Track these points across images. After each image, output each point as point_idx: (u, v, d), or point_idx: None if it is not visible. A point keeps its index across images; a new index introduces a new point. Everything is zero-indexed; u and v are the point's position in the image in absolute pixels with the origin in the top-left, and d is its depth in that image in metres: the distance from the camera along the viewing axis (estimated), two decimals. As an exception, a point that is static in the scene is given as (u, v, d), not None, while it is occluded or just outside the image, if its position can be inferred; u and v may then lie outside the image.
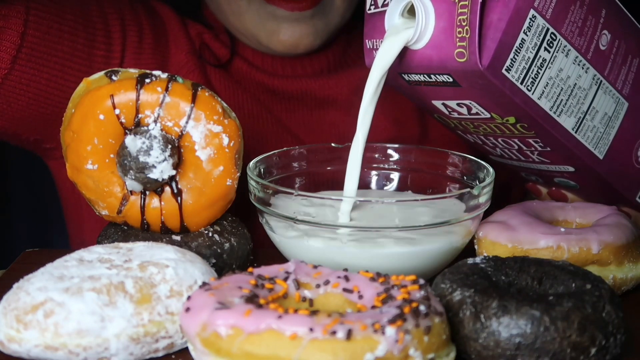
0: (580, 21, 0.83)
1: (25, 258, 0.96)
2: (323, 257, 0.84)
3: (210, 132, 0.84)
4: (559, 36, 0.82)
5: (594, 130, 0.88)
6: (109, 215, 0.87)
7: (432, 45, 0.82)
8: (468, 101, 0.85)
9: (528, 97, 0.83)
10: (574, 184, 0.96)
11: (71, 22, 1.02)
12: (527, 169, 0.97)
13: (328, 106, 1.15)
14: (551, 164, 0.93)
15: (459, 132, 0.95)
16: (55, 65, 1.00)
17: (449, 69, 0.82)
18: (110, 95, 0.83)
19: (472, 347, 0.70)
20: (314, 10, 1.08)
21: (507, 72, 0.81)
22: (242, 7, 1.09)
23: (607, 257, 0.84)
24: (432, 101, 0.89)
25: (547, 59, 0.82)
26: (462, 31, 0.80)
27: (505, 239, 0.85)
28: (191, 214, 0.86)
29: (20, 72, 0.98)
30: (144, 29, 1.09)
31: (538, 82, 0.82)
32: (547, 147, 0.89)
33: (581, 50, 0.84)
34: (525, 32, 0.80)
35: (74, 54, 1.02)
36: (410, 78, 0.87)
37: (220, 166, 0.85)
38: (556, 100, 0.84)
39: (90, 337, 0.71)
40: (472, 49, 0.79)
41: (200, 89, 0.84)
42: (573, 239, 0.84)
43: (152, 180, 0.83)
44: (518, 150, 0.92)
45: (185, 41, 1.12)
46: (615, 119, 0.89)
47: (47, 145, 1.09)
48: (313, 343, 0.64)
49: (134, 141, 0.82)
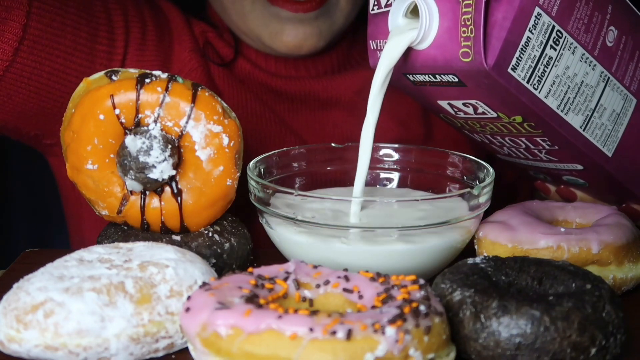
0: (586, 18, 0.83)
1: (25, 258, 0.96)
2: (323, 257, 0.84)
3: (210, 132, 0.84)
4: (565, 33, 0.82)
5: (602, 127, 0.88)
6: (108, 215, 0.87)
7: (437, 45, 0.82)
8: (474, 101, 0.85)
9: (535, 96, 0.82)
10: (582, 182, 0.95)
11: (74, 15, 1.01)
12: (535, 167, 0.97)
13: (331, 107, 1.15)
14: (559, 163, 0.92)
15: (465, 132, 0.94)
16: (57, 59, 1.00)
17: (454, 69, 0.82)
18: (110, 95, 0.83)
19: (472, 347, 0.70)
20: (319, 11, 1.08)
21: (513, 71, 0.80)
22: (246, 8, 1.08)
23: (607, 257, 0.84)
24: (438, 101, 0.88)
25: (553, 57, 0.82)
26: (467, 30, 0.79)
27: (505, 239, 0.85)
28: (191, 214, 0.86)
29: (21, 64, 0.98)
30: (148, 26, 1.09)
31: (544, 80, 0.82)
32: (555, 145, 0.89)
33: (588, 47, 0.84)
34: (530, 31, 0.80)
35: (76, 47, 1.01)
36: (415, 78, 0.86)
37: (220, 166, 0.85)
38: (563, 99, 0.84)
39: (90, 337, 0.71)
40: (477, 49, 0.79)
41: (200, 89, 0.84)
42: (573, 239, 0.84)
43: (152, 180, 0.83)
44: (526, 149, 0.92)
45: (189, 39, 1.12)
46: (623, 116, 0.89)
47: (47, 141, 1.09)
48: (313, 343, 0.64)
49: (134, 141, 0.82)
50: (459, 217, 0.86)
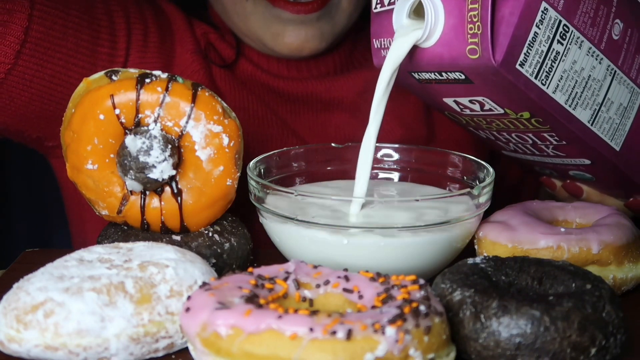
0: (592, 11, 0.83)
1: (25, 258, 0.96)
2: (323, 256, 0.84)
3: (210, 132, 0.84)
4: (571, 28, 0.81)
5: (609, 121, 0.88)
6: (108, 215, 0.87)
7: (443, 43, 0.82)
8: (481, 98, 0.85)
9: (543, 92, 0.82)
10: (589, 176, 0.95)
11: (76, 18, 1.01)
12: (542, 163, 0.96)
13: (334, 108, 1.15)
14: (567, 157, 0.92)
15: (470, 129, 0.94)
16: (59, 62, 1.00)
17: (461, 66, 0.81)
18: (111, 95, 0.83)
19: (472, 347, 0.70)
20: (320, 13, 1.07)
21: (521, 67, 0.80)
22: (247, 9, 1.08)
23: (607, 257, 0.84)
24: (444, 99, 0.88)
25: (560, 51, 0.82)
26: (474, 27, 0.79)
27: (505, 239, 0.85)
28: (191, 213, 0.86)
29: (23, 67, 0.98)
30: (150, 28, 1.09)
31: (552, 75, 0.82)
32: (562, 140, 0.89)
33: (594, 41, 0.83)
34: (537, 26, 0.80)
35: (78, 50, 1.01)
36: (421, 77, 0.86)
37: (221, 166, 0.85)
38: (571, 93, 0.84)
39: (90, 337, 0.71)
40: (484, 45, 0.79)
41: (200, 88, 0.84)
42: (573, 239, 0.84)
43: (152, 180, 0.83)
44: (532, 145, 0.92)
45: (191, 40, 1.11)
46: (630, 110, 0.89)
47: (49, 144, 1.09)
48: (313, 343, 0.64)
49: (134, 141, 0.82)
50: (459, 217, 0.86)
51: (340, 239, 0.84)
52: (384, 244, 0.84)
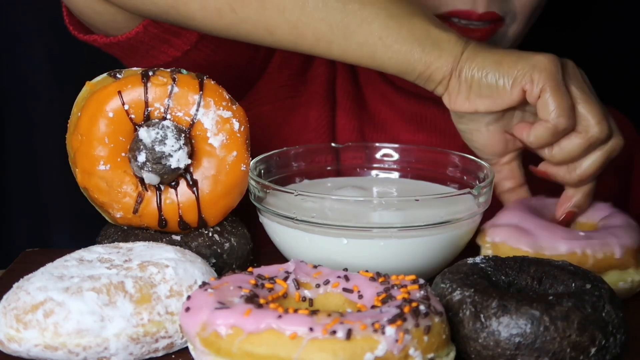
0: None
1: (25, 258, 0.96)
2: (323, 256, 0.84)
3: (220, 117, 0.84)
4: None
5: None
6: (124, 217, 0.86)
7: None
8: None
9: None
10: None
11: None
12: None
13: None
14: None
15: None
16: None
17: None
18: (118, 91, 0.83)
19: (472, 347, 0.70)
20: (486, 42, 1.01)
21: None
22: None
23: (627, 261, 0.83)
24: None
25: None
26: None
27: (526, 245, 0.83)
28: (208, 204, 0.85)
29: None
30: None
31: None
32: None
33: None
34: None
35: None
36: None
37: (234, 151, 0.85)
38: None
39: (90, 336, 0.71)
40: None
41: (206, 77, 0.85)
42: (597, 244, 0.83)
43: (170, 169, 0.83)
44: None
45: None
46: None
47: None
48: (313, 343, 0.64)
49: (148, 132, 0.82)
50: (459, 217, 0.86)
51: (340, 238, 0.84)
52: (383, 243, 0.84)
